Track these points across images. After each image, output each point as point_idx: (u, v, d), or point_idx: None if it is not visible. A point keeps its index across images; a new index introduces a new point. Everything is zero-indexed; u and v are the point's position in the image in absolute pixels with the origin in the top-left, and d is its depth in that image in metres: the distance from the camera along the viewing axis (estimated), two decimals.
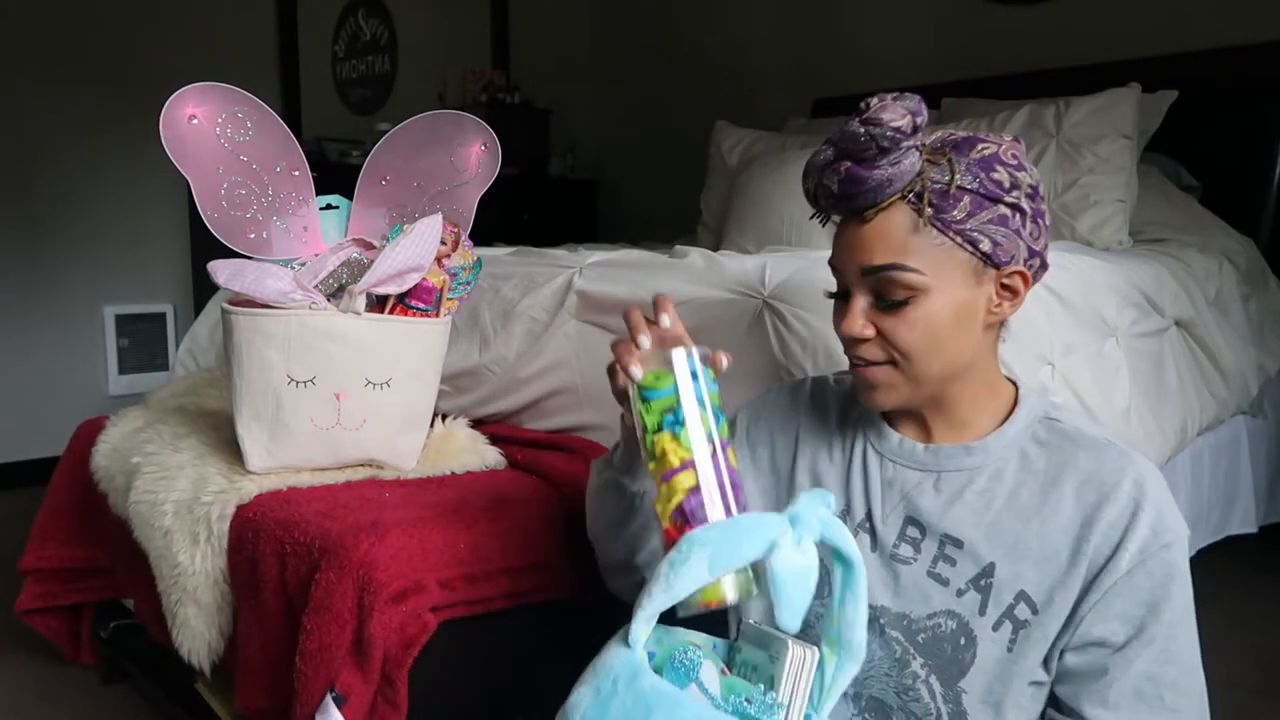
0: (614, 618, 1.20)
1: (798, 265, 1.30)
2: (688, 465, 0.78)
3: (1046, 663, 0.81)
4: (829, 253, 0.87)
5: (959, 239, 0.79)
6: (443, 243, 1.23)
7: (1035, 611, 0.80)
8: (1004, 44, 2.91)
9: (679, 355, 0.80)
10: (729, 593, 0.73)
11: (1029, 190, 0.81)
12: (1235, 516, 2.18)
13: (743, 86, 3.64)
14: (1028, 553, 0.81)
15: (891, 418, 0.91)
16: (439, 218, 1.21)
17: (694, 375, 0.80)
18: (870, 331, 0.82)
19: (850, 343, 0.84)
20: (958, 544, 0.83)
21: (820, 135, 2.75)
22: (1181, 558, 0.80)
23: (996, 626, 0.81)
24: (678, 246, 1.58)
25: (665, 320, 0.85)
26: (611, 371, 0.85)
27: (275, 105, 2.61)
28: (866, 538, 0.89)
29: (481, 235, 1.41)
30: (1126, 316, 1.64)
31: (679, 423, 0.78)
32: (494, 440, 1.39)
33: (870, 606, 0.86)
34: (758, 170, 2.42)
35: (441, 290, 1.25)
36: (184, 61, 3.19)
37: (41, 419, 3.03)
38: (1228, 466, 2.14)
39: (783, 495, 0.96)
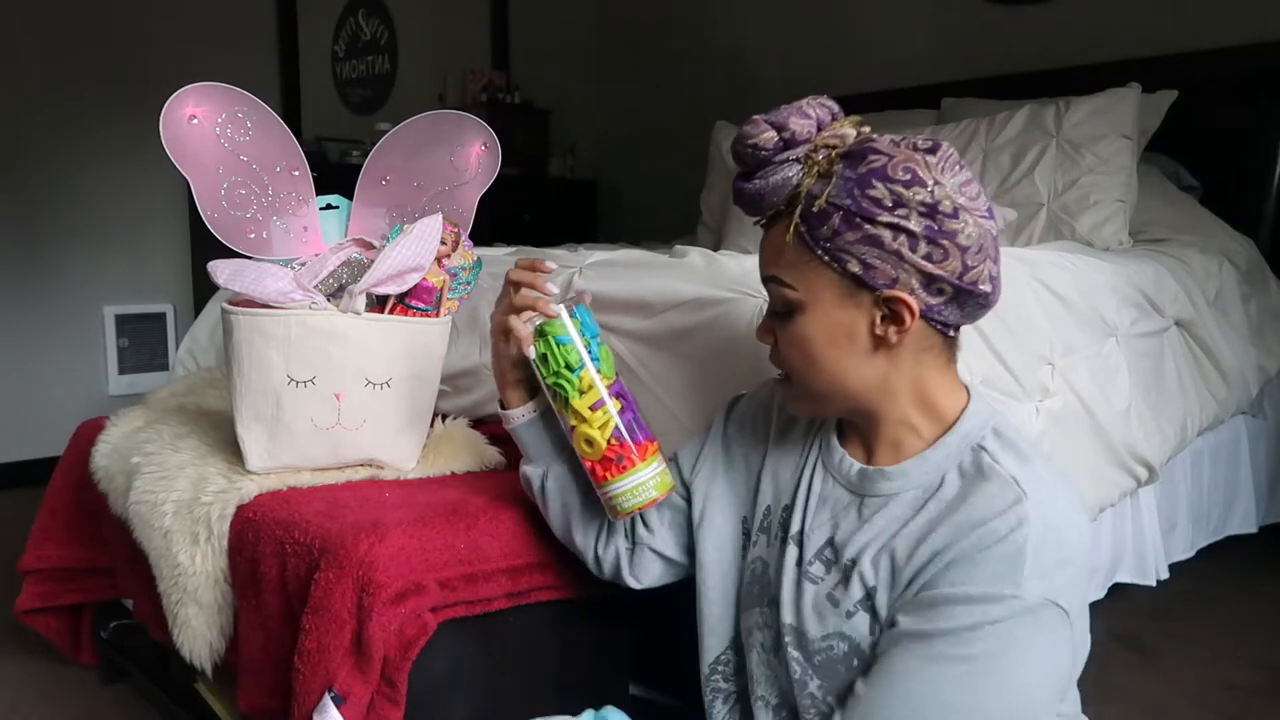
0: (614, 617, 1.21)
1: None
2: (615, 391, 0.92)
3: None
4: None
5: (826, 257, 0.77)
6: (443, 243, 1.23)
7: None
8: (1004, 44, 2.90)
9: (570, 305, 0.92)
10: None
11: (923, 209, 0.75)
12: (1235, 516, 2.19)
13: (743, 86, 3.64)
14: (900, 582, 0.78)
15: (842, 433, 0.89)
16: (439, 218, 1.21)
17: (591, 318, 0.93)
18: (770, 340, 0.86)
19: None
20: (850, 564, 0.81)
21: None
22: (1027, 626, 0.71)
23: None
24: (678, 246, 1.58)
25: (552, 265, 0.94)
26: (504, 332, 0.95)
27: (275, 105, 2.61)
28: (795, 551, 0.87)
29: (481, 235, 1.41)
30: (1126, 316, 1.65)
31: (596, 357, 0.91)
32: (494, 440, 1.38)
33: (780, 623, 0.86)
34: None
35: (441, 290, 1.25)
36: (184, 61, 3.19)
37: (41, 419, 3.02)
38: (1228, 466, 2.14)
39: (749, 494, 0.96)
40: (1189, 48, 2.53)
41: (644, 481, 0.91)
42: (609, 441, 0.91)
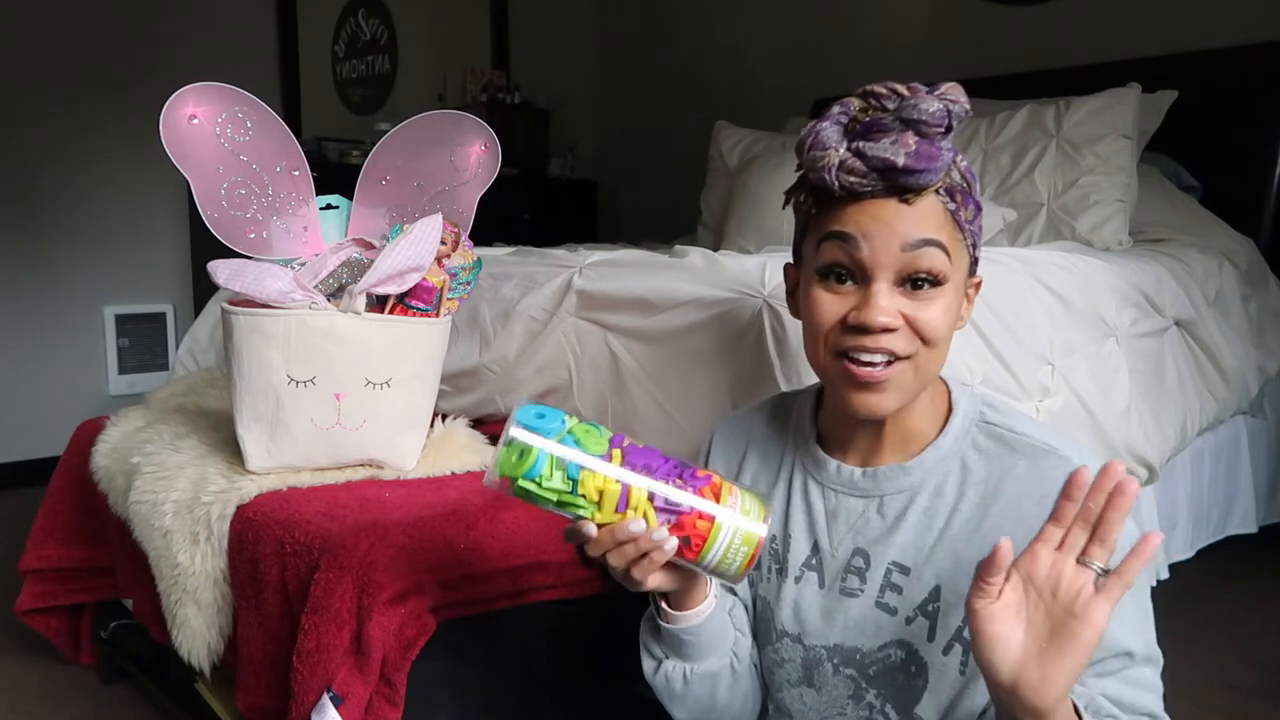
0: (614, 617, 1.21)
1: None
2: (626, 483, 0.72)
3: None
4: None
5: (969, 241, 0.78)
6: (443, 243, 1.23)
7: None
8: (1004, 44, 2.91)
9: (519, 414, 0.72)
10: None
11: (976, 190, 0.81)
12: (1235, 516, 2.19)
13: (743, 86, 3.64)
14: (971, 571, 0.75)
15: (827, 444, 0.87)
16: (439, 218, 1.21)
17: (540, 416, 0.72)
18: (900, 321, 0.75)
19: (862, 334, 0.75)
20: (904, 570, 0.80)
21: None
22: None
23: (946, 650, 0.78)
24: (678, 246, 1.58)
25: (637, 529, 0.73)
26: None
27: (275, 105, 2.61)
28: (813, 575, 0.85)
29: (481, 235, 1.41)
30: (1126, 316, 1.65)
31: (578, 462, 0.71)
32: (494, 440, 1.38)
33: (821, 648, 0.84)
34: (758, 170, 2.42)
35: (441, 290, 1.25)
36: (184, 61, 3.19)
37: (41, 419, 3.03)
38: (1228, 466, 2.14)
39: None
40: (1189, 48, 2.53)
41: (736, 531, 0.73)
42: (667, 522, 0.73)
